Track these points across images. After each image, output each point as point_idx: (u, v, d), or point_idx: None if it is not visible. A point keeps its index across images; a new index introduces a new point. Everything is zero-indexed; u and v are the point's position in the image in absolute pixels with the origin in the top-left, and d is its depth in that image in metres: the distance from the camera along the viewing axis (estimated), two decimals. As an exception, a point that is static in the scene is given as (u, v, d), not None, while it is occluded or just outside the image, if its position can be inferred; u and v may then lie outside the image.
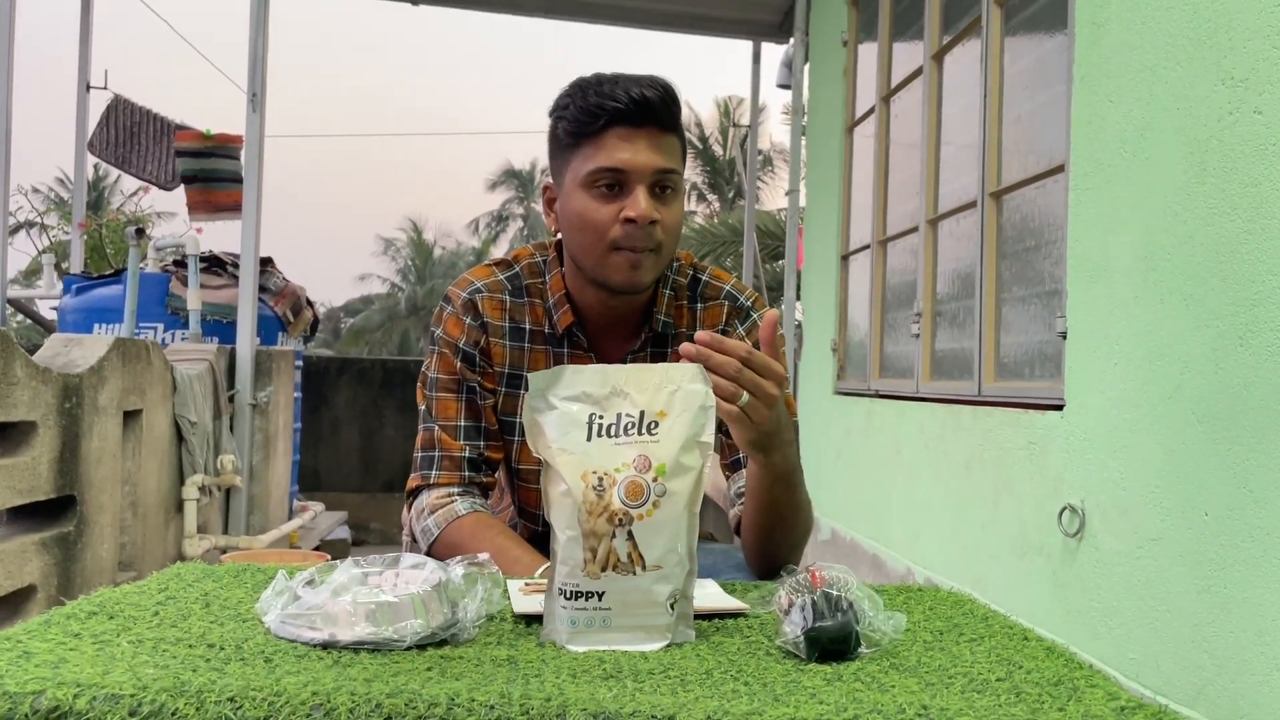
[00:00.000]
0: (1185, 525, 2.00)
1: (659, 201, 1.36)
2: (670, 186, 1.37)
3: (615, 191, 1.35)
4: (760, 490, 1.32)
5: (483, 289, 1.48)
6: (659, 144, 1.35)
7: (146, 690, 0.76)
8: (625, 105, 1.32)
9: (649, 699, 0.81)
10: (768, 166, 22.14)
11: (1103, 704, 0.85)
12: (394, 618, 0.93)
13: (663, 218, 1.35)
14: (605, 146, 1.34)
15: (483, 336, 1.47)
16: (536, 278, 1.50)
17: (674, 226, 1.38)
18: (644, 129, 1.34)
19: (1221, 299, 1.92)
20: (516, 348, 1.48)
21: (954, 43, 3.59)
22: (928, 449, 3.46)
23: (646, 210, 1.33)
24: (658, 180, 1.35)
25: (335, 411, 7.04)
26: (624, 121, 1.33)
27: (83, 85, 6.00)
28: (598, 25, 6.42)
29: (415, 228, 35.39)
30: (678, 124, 1.39)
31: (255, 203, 4.57)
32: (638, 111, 1.33)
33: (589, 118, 1.34)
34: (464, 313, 1.47)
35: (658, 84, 1.35)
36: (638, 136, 1.34)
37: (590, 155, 1.35)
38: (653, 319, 1.47)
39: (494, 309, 1.48)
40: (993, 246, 3.17)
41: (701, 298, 1.52)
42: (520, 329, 1.48)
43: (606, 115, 1.33)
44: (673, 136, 1.38)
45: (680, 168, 1.39)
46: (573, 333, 1.47)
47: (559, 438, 1.04)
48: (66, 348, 3.16)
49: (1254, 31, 1.86)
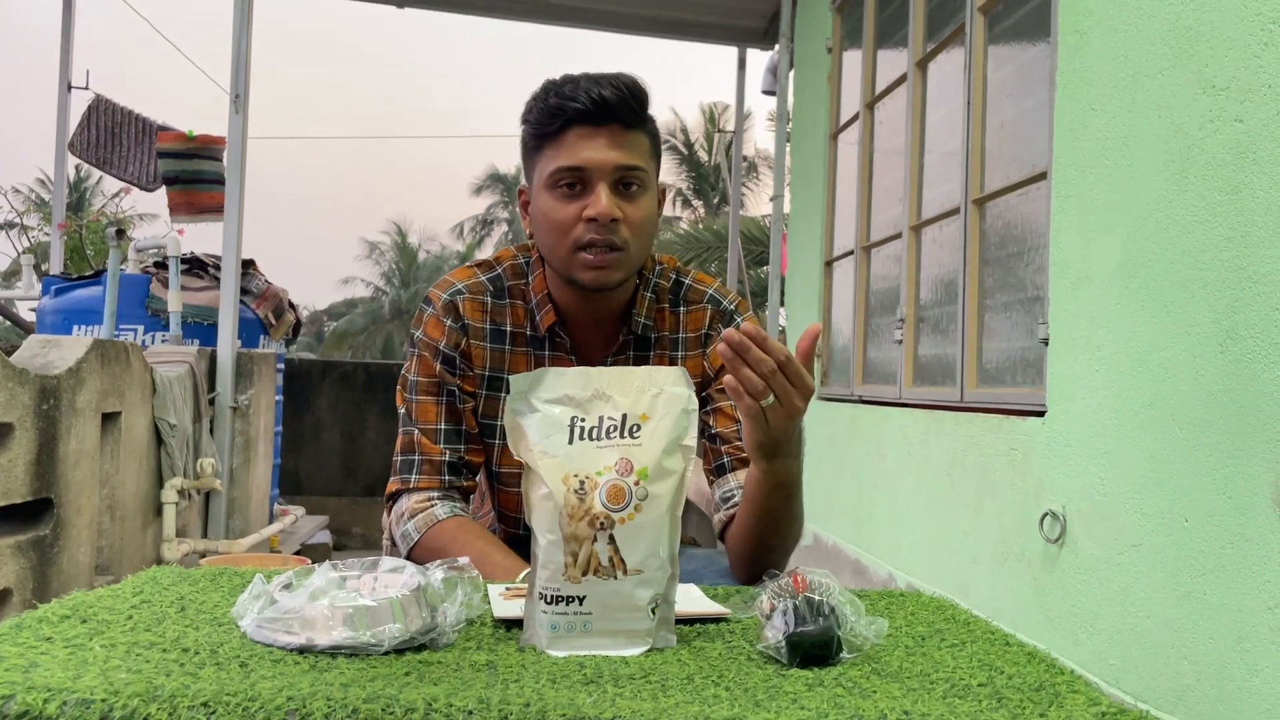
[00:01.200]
0: (1165, 531, 2.00)
1: (623, 199, 1.35)
2: (636, 183, 1.36)
3: (578, 191, 1.35)
4: (758, 496, 1.31)
5: (464, 290, 1.47)
6: (621, 141, 1.35)
7: (118, 695, 0.75)
8: (584, 105, 1.33)
9: (629, 704, 0.80)
10: (752, 172, 22.19)
11: (1084, 710, 0.85)
12: (372, 622, 0.92)
13: (627, 215, 1.35)
14: (565, 146, 1.34)
15: (463, 339, 1.46)
16: (519, 279, 1.49)
17: (641, 223, 1.37)
18: (605, 127, 1.34)
19: (1202, 306, 1.93)
20: (497, 350, 1.47)
21: (938, 50, 3.61)
22: (910, 454, 3.47)
23: (607, 208, 1.33)
24: (620, 178, 1.35)
25: (317, 415, 7.00)
26: (584, 121, 1.34)
27: (64, 85, 5.96)
28: (583, 30, 6.42)
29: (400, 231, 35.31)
30: (643, 121, 1.38)
31: (237, 204, 4.54)
32: (596, 111, 1.33)
33: (549, 119, 1.35)
34: (444, 314, 1.46)
35: (620, 82, 1.35)
36: (598, 135, 1.34)
37: (552, 156, 1.35)
38: (633, 321, 1.46)
39: (475, 311, 1.46)
40: (975, 253, 3.18)
41: (684, 301, 1.51)
42: (501, 331, 1.47)
43: (566, 115, 1.34)
44: (638, 134, 1.37)
45: (647, 164, 1.38)
46: (555, 333, 1.46)
47: (540, 440, 1.03)
48: (44, 349, 3.13)
49: (1235, 41, 1.87)
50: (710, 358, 1.50)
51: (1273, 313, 1.73)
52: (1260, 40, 1.80)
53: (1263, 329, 1.75)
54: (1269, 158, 1.76)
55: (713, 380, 1.50)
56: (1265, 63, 1.78)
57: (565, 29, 6.43)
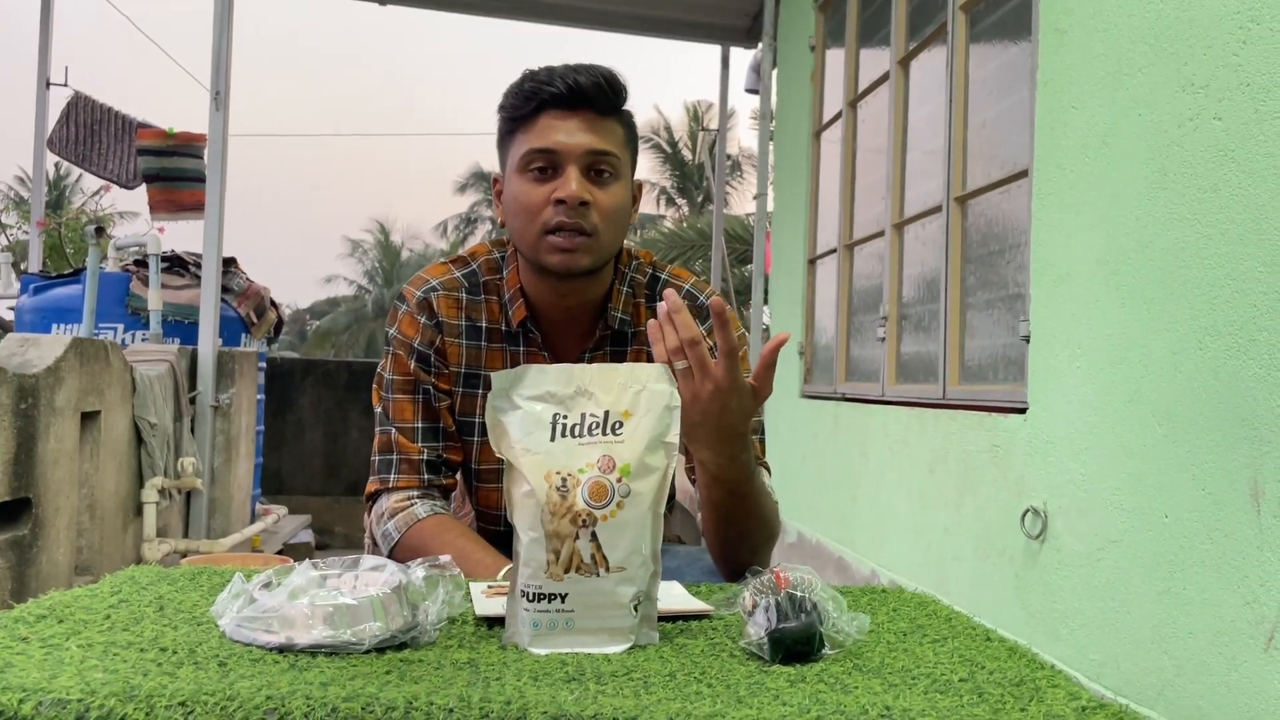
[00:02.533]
0: (1145, 527, 2.02)
1: (594, 184, 1.35)
2: (607, 169, 1.36)
3: (548, 175, 1.35)
4: (704, 487, 1.30)
5: (438, 287, 1.46)
6: (594, 126, 1.35)
7: (95, 695, 0.74)
8: (558, 89, 1.33)
9: (611, 701, 0.80)
10: (736, 171, 22.22)
11: (1064, 704, 0.85)
12: (352, 620, 0.91)
13: (597, 200, 1.34)
14: (538, 129, 1.35)
15: (438, 336, 1.45)
16: (494, 274, 1.48)
17: (611, 210, 1.37)
18: (578, 112, 1.34)
19: (1181, 303, 1.94)
20: (473, 346, 1.46)
21: (920, 49, 3.62)
22: (893, 452, 3.48)
23: (576, 190, 1.32)
24: (592, 163, 1.35)
25: (299, 414, 6.96)
26: (557, 105, 1.34)
27: (42, 82, 5.90)
28: (566, 28, 6.41)
29: (383, 229, 35.18)
30: (618, 109, 1.38)
31: (218, 202, 4.51)
32: (570, 95, 1.34)
33: (523, 102, 1.35)
34: (419, 312, 1.45)
35: (596, 71, 1.36)
36: (570, 119, 1.34)
37: (524, 139, 1.36)
38: (608, 316, 1.46)
39: (450, 307, 1.45)
40: (957, 251, 3.19)
41: (660, 296, 1.51)
42: (477, 327, 1.46)
43: (539, 99, 1.34)
44: (612, 121, 1.37)
45: (620, 153, 1.38)
46: (527, 328, 1.45)
47: (522, 438, 1.02)
48: (22, 347, 3.10)
49: (1214, 39, 1.88)
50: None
51: (1251, 310, 1.74)
52: (1238, 39, 1.81)
53: (1241, 326, 1.77)
54: (1247, 156, 1.77)
55: None
56: (1243, 61, 1.80)
57: (549, 27, 6.42)
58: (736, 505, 1.31)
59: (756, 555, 1.37)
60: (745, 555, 1.34)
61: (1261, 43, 1.75)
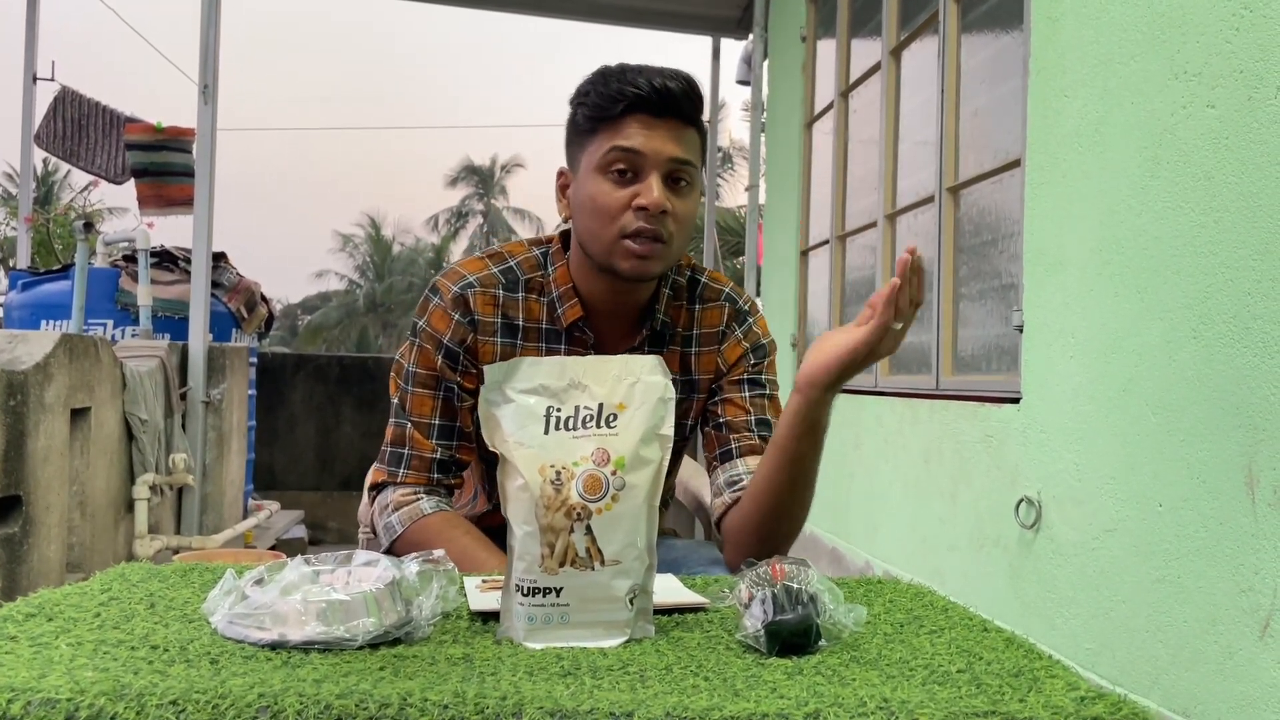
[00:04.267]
0: (1140, 516, 2.02)
1: (673, 193, 1.33)
2: (686, 179, 1.35)
3: (629, 177, 1.33)
4: (790, 438, 1.31)
5: (475, 284, 1.43)
6: (678, 135, 1.33)
7: (84, 694, 0.73)
8: (646, 93, 1.31)
9: (607, 695, 0.79)
10: (728, 163, 22.20)
11: (1062, 694, 0.85)
12: (345, 616, 0.91)
13: (675, 209, 1.33)
14: (624, 130, 1.32)
15: (470, 334, 1.42)
16: (537, 271, 1.45)
17: (686, 220, 1.36)
18: (664, 119, 1.32)
19: (1175, 292, 1.94)
20: (508, 344, 1.43)
21: (911, 38, 3.61)
22: (887, 443, 3.48)
23: (660, 198, 1.31)
24: (673, 171, 1.33)
25: (291, 409, 6.94)
26: (644, 109, 1.32)
27: (29, 76, 5.86)
28: (556, 19, 6.39)
29: (374, 224, 35.12)
30: (699, 119, 1.37)
31: (207, 197, 4.49)
32: (659, 100, 1.31)
33: (609, 103, 1.32)
34: (453, 308, 1.42)
35: (681, 76, 1.34)
36: (657, 125, 1.32)
37: (608, 138, 1.33)
38: (654, 318, 1.45)
39: (486, 305, 1.43)
40: (950, 241, 3.19)
41: (700, 299, 1.50)
42: (513, 325, 1.43)
43: (627, 101, 1.31)
44: (692, 131, 1.36)
45: (698, 162, 1.37)
46: (579, 327, 1.43)
47: (516, 431, 1.02)
48: (11, 344, 3.08)
49: (1206, 27, 1.88)
50: (725, 354, 1.49)
51: (1245, 298, 1.74)
52: (1231, 26, 1.81)
53: (1235, 315, 1.76)
54: (1240, 144, 1.77)
55: (725, 374, 1.49)
56: (1236, 48, 1.79)
57: (537, 19, 6.40)
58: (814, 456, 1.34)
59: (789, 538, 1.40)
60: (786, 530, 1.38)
61: (1254, 30, 1.75)
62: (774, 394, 1.51)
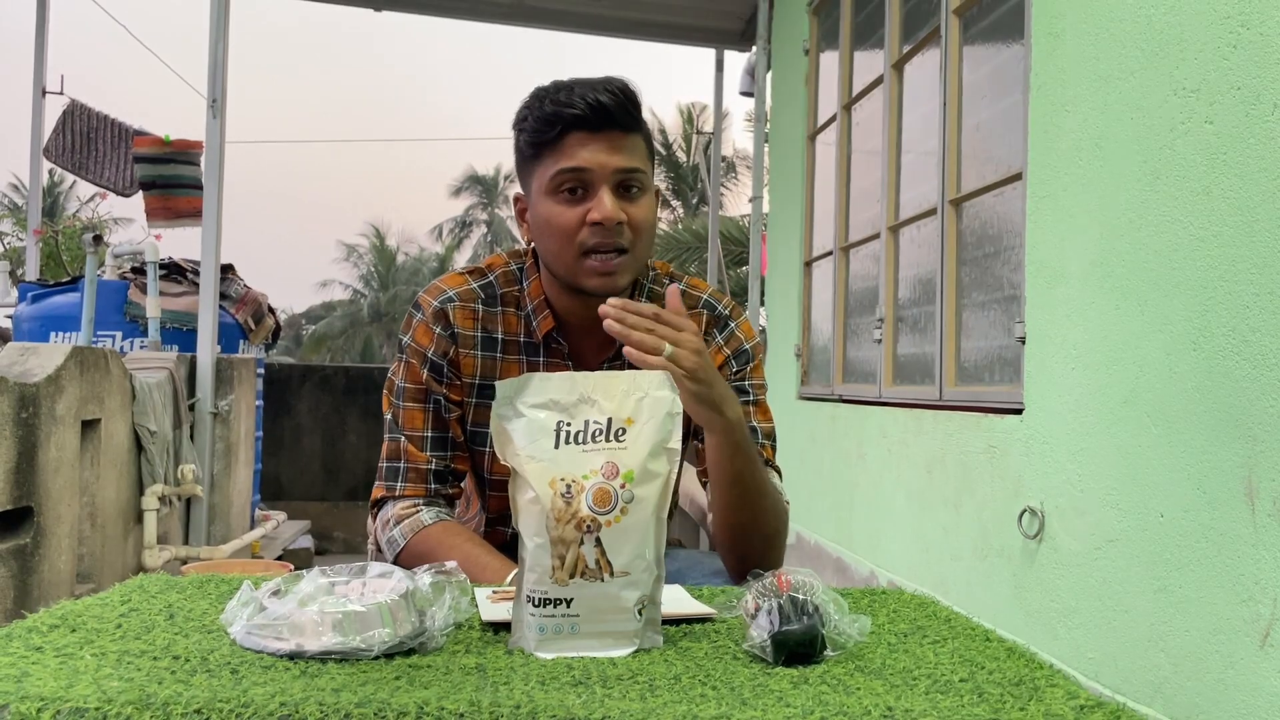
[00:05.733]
0: (1141, 526, 2.03)
1: (625, 201, 1.35)
2: (636, 185, 1.36)
3: (579, 195, 1.34)
4: (721, 463, 1.31)
5: (454, 298, 1.47)
6: (619, 145, 1.35)
7: (111, 703, 0.76)
8: (581, 111, 1.33)
9: (618, 705, 0.81)
10: (731, 173, 22.24)
11: (1063, 703, 0.87)
12: (361, 627, 0.93)
13: (630, 217, 1.35)
14: (565, 151, 1.34)
15: (452, 347, 1.45)
16: (512, 285, 1.48)
17: (643, 225, 1.38)
18: (602, 132, 1.34)
19: (1175, 304, 1.96)
20: (488, 357, 1.46)
21: (914, 52, 3.64)
22: (890, 453, 3.50)
23: (612, 210, 1.33)
24: (622, 180, 1.35)
25: (297, 419, 6.97)
26: (581, 127, 1.33)
27: (38, 90, 5.91)
28: (561, 32, 6.43)
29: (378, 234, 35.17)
30: (639, 124, 1.38)
31: (215, 209, 4.52)
32: (594, 116, 1.33)
33: (546, 126, 1.34)
34: (434, 322, 1.45)
35: (614, 87, 1.35)
36: (596, 140, 1.34)
37: (552, 161, 1.35)
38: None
39: (465, 318, 1.46)
40: (953, 253, 3.21)
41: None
42: (493, 338, 1.47)
43: (563, 122, 1.33)
44: (634, 136, 1.37)
45: (645, 166, 1.38)
46: (553, 338, 1.46)
47: (527, 445, 1.04)
48: (22, 356, 3.11)
49: (1205, 44, 1.90)
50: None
51: (1244, 310, 1.76)
52: (1229, 42, 1.83)
53: (1234, 326, 1.78)
54: (1238, 158, 1.79)
55: None
56: (1234, 65, 1.81)
57: (543, 31, 6.44)
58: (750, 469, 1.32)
59: (770, 547, 1.38)
60: (759, 545, 1.36)
61: (1252, 47, 1.77)
62: (759, 398, 1.51)
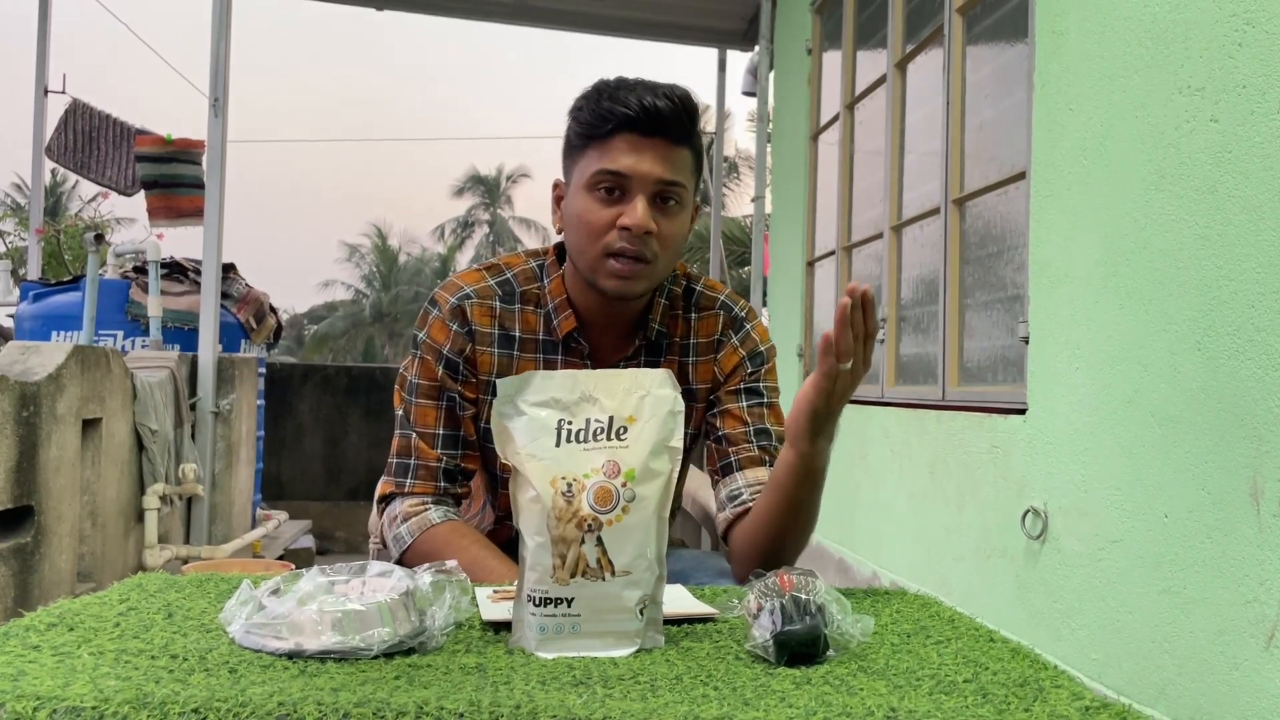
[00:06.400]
0: (1145, 527, 2.03)
1: (659, 213, 1.34)
2: (674, 199, 1.35)
3: (616, 196, 1.34)
4: (788, 484, 1.31)
5: (472, 295, 1.45)
6: (667, 155, 1.34)
7: (109, 702, 0.75)
8: (635, 113, 1.31)
9: (619, 705, 0.81)
10: (733, 173, 22.24)
11: (1068, 704, 0.86)
12: (361, 626, 0.92)
13: (660, 229, 1.34)
14: (611, 151, 1.33)
15: (468, 344, 1.44)
16: (532, 283, 1.47)
17: (672, 239, 1.37)
18: (652, 139, 1.33)
19: (1179, 303, 1.95)
20: (505, 355, 1.45)
21: (917, 51, 3.63)
22: (893, 453, 3.49)
23: (643, 220, 1.32)
24: (660, 191, 1.34)
25: (299, 419, 6.97)
26: (632, 129, 1.32)
27: (40, 89, 5.91)
28: (563, 32, 6.42)
29: (380, 234, 35.21)
30: (691, 137, 1.37)
31: (217, 208, 4.52)
32: (647, 120, 1.32)
33: (599, 121, 1.34)
34: (451, 319, 1.44)
35: (675, 94, 1.34)
36: (645, 146, 1.33)
37: (596, 158, 1.34)
38: (648, 328, 1.46)
39: (483, 315, 1.45)
40: (956, 253, 3.20)
41: (696, 308, 1.51)
42: (510, 336, 1.46)
43: (615, 120, 1.32)
44: (684, 149, 1.36)
45: (688, 181, 1.37)
46: (574, 338, 1.45)
47: (528, 443, 1.03)
48: (23, 355, 3.11)
49: (1210, 42, 1.89)
50: (721, 362, 1.50)
51: (1248, 310, 1.75)
52: (1235, 40, 1.82)
53: (1239, 326, 1.78)
54: (1244, 157, 1.78)
55: (722, 384, 1.50)
56: (1240, 63, 1.81)
57: (544, 31, 6.43)
58: (812, 497, 1.33)
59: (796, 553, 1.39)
60: (790, 553, 1.37)
61: (1257, 45, 1.76)
62: (773, 401, 1.51)
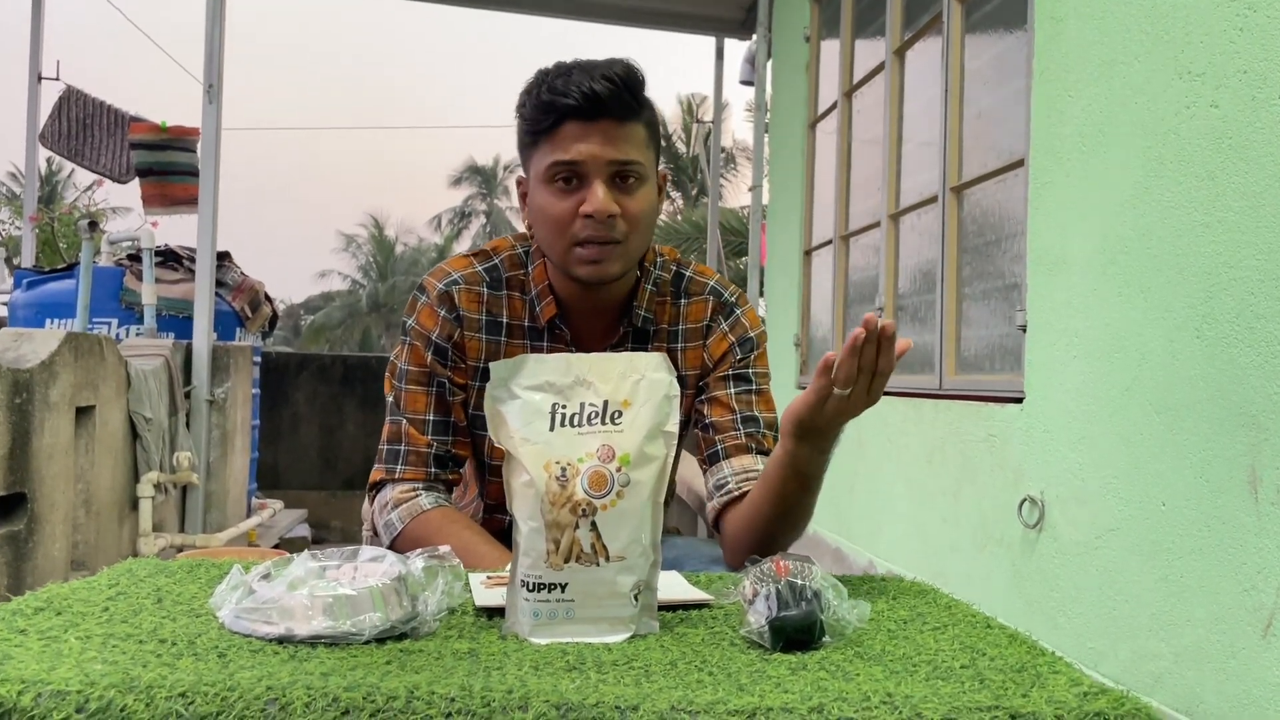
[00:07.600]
0: (1143, 515, 2.02)
1: (620, 192, 1.33)
2: (633, 176, 1.34)
3: (574, 185, 1.33)
4: (776, 480, 1.30)
5: (459, 281, 1.45)
6: (616, 135, 1.32)
7: (94, 686, 0.74)
8: (576, 101, 1.30)
9: (613, 690, 0.80)
10: (731, 163, 22.22)
11: (1066, 690, 0.85)
12: (352, 611, 0.91)
13: (624, 209, 1.33)
14: (560, 141, 1.32)
15: (456, 330, 1.43)
16: (518, 269, 1.47)
17: (639, 216, 1.35)
18: (598, 121, 1.31)
19: (1178, 291, 1.94)
20: (493, 341, 1.45)
21: (915, 39, 3.61)
22: (890, 442, 3.48)
23: (604, 204, 1.31)
24: (616, 171, 1.33)
25: (295, 408, 6.95)
26: (577, 117, 1.31)
27: (34, 76, 5.88)
28: (561, 20, 6.40)
29: (377, 224, 35.13)
30: (638, 111, 1.35)
31: (212, 196, 4.50)
32: (589, 106, 1.30)
33: (542, 114, 1.33)
34: (439, 305, 1.43)
35: (613, 73, 1.32)
36: (592, 130, 1.31)
37: (548, 151, 1.33)
38: (633, 314, 1.45)
39: (471, 301, 1.44)
40: (954, 241, 3.19)
41: (685, 293, 1.50)
42: (497, 322, 1.45)
43: (558, 112, 1.31)
44: (633, 125, 1.34)
45: (643, 156, 1.35)
46: (556, 324, 1.44)
47: (521, 427, 1.02)
48: (16, 342, 3.09)
49: (1210, 27, 1.88)
50: (710, 348, 1.49)
51: (1248, 298, 1.74)
52: (1235, 25, 1.81)
53: (1238, 314, 1.77)
54: (1244, 143, 1.77)
55: (711, 370, 1.49)
56: (1240, 48, 1.79)
57: (542, 18, 6.40)
58: (800, 499, 1.33)
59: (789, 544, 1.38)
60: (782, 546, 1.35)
61: (1258, 30, 1.75)
62: (763, 387, 1.50)
